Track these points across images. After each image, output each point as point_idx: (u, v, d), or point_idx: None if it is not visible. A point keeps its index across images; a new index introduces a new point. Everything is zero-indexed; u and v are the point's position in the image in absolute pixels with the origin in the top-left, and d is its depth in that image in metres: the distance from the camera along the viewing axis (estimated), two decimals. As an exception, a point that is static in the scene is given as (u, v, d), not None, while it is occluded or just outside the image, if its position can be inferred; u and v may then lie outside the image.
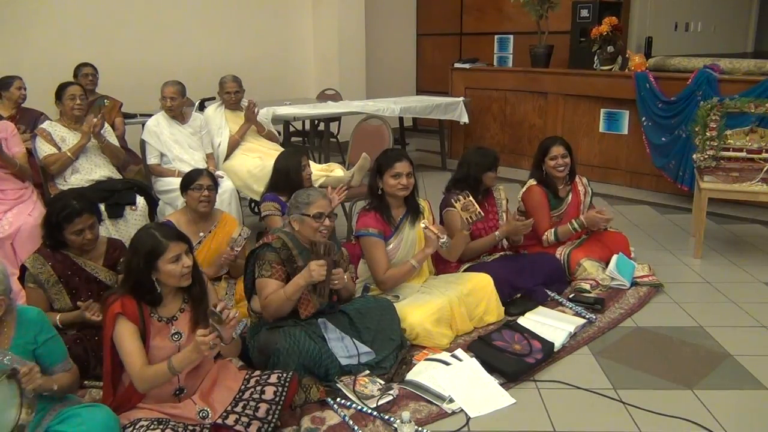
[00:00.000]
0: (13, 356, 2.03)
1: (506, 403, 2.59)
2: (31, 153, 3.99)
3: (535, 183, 3.84)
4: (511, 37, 7.45)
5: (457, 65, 7.33)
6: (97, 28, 6.22)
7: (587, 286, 3.60)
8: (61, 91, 4.00)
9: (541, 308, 3.36)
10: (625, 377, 2.79)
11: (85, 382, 2.68)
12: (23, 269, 2.81)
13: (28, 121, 4.54)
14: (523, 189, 3.90)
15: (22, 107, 4.71)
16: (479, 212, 3.27)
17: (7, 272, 2.07)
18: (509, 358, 2.83)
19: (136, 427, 2.11)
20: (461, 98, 6.84)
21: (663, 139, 5.37)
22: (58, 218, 2.74)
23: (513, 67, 7.29)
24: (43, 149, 3.90)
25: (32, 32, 5.84)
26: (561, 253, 3.75)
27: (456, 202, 3.29)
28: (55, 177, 3.95)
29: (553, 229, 3.77)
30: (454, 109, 6.73)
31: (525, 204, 3.86)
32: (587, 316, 3.30)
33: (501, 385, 2.70)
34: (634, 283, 3.72)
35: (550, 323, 3.16)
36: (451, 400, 2.58)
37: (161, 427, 2.09)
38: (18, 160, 3.75)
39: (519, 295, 3.47)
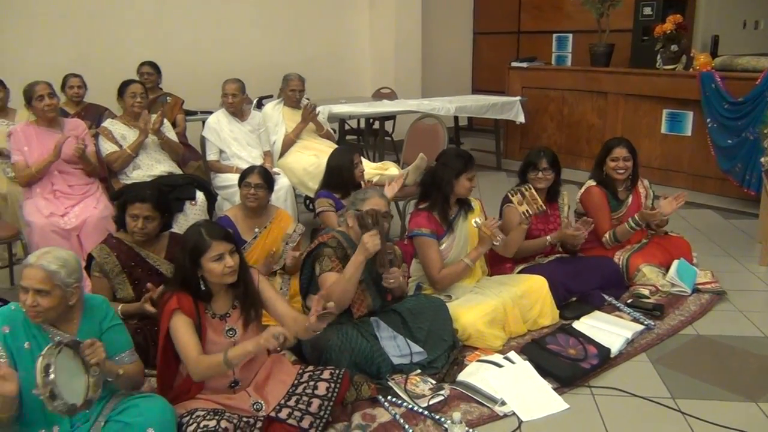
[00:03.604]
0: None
1: (559, 408, 2.55)
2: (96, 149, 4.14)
3: (594, 184, 3.76)
4: (570, 35, 7.31)
5: (514, 64, 7.24)
6: (161, 28, 6.41)
7: (646, 292, 3.50)
8: (123, 89, 4.15)
9: (597, 313, 3.29)
10: (684, 386, 2.71)
11: (146, 370, 2.77)
12: (90, 258, 2.92)
13: (92, 116, 4.71)
14: (582, 190, 3.83)
15: (87, 103, 4.90)
16: (540, 205, 3.22)
17: (80, 262, 2.16)
18: (563, 363, 2.78)
19: (193, 416, 2.16)
20: (518, 97, 6.75)
21: (729, 141, 5.18)
22: (126, 197, 2.91)
23: (572, 66, 7.15)
24: (106, 147, 4.04)
25: (98, 31, 6.05)
26: (620, 257, 3.66)
27: (513, 196, 3.25)
28: (118, 173, 4.09)
29: (612, 230, 3.68)
30: (510, 108, 6.66)
31: (583, 205, 3.78)
32: (645, 323, 3.21)
33: (554, 389, 2.66)
34: (695, 290, 3.60)
35: (606, 328, 3.09)
36: (503, 403, 2.55)
37: (217, 417, 2.14)
38: (91, 158, 3.89)
39: (574, 299, 3.41)
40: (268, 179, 3.44)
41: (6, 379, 1.87)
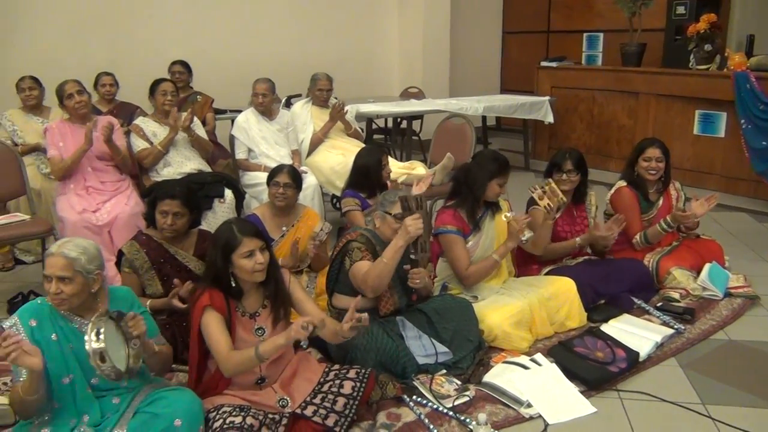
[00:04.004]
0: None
1: (586, 412, 2.52)
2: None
3: (624, 184, 3.71)
4: (601, 35, 7.22)
5: (543, 64, 7.18)
6: (192, 27, 6.49)
7: (676, 295, 3.45)
8: (154, 87, 4.21)
9: (626, 316, 3.25)
10: (714, 392, 2.66)
11: (173, 365, 2.81)
12: (120, 254, 2.97)
13: (125, 115, 4.79)
14: (612, 191, 3.78)
15: (120, 102, 4.98)
16: (562, 198, 3.19)
17: (100, 250, 2.21)
18: (591, 366, 2.75)
19: (219, 412, 2.18)
20: (547, 97, 6.70)
21: (764, 142, 5.06)
22: (156, 194, 2.95)
23: (602, 65, 7.07)
24: (137, 144, 4.11)
25: (131, 30, 6.15)
26: (650, 260, 3.61)
27: (534, 192, 3.23)
28: (149, 170, 4.15)
29: (643, 232, 3.63)
30: (539, 108, 6.60)
31: (613, 206, 3.73)
32: (676, 327, 3.16)
33: (581, 392, 2.63)
34: (727, 294, 3.53)
35: (635, 332, 3.05)
36: (529, 405, 2.53)
37: (243, 413, 2.16)
38: (121, 149, 3.95)
39: (603, 302, 3.37)
40: (296, 178, 3.46)
41: (30, 354, 1.91)
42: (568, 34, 8.00)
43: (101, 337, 1.94)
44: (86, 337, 1.95)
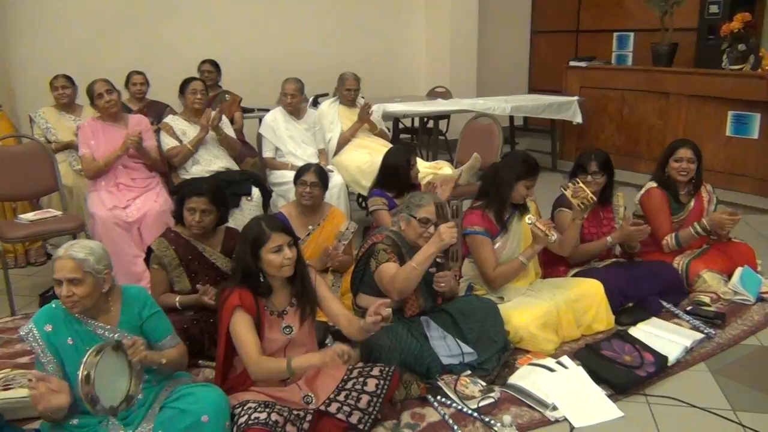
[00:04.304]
0: (122, 332, 2.19)
1: (613, 416, 2.49)
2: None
3: (654, 185, 3.66)
4: (632, 34, 7.14)
5: (572, 63, 7.11)
6: (221, 27, 6.54)
7: (707, 299, 3.39)
8: (184, 86, 4.26)
9: (654, 319, 3.20)
10: (745, 399, 2.61)
11: (200, 361, 2.84)
12: (149, 251, 3.01)
13: (155, 113, 4.85)
14: (642, 191, 3.73)
15: (150, 100, 5.04)
16: (591, 197, 3.15)
17: (107, 250, 2.23)
18: (618, 369, 2.72)
19: (245, 408, 2.20)
20: (576, 97, 6.63)
21: (799, 144, 4.97)
22: (184, 191, 3.00)
23: (633, 65, 6.98)
24: (166, 142, 4.15)
25: (161, 29, 6.23)
26: (679, 262, 3.56)
27: (566, 189, 3.19)
28: (178, 168, 4.20)
29: (674, 234, 3.58)
30: (567, 108, 6.54)
31: (643, 207, 3.67)
32: (706, 331, 3.11)
33: (608, 396, 2.60)
34: (759, 299, 3.46)
35: (664, 336, 3.01)
36: (555, 408, 2.51)
37: (267, 410, 2.17)
38: (151, 152, 4.01)
39: (631, 304, 3.32)
40: (323, 178, 3.47)
41: (59, 392, 1.93)
42: (598, 34, 7.91)
43: (91, 383, 1.92)
44: (77, 380, 1.92)
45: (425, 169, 4.27)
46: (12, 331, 3.28)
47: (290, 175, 4.13)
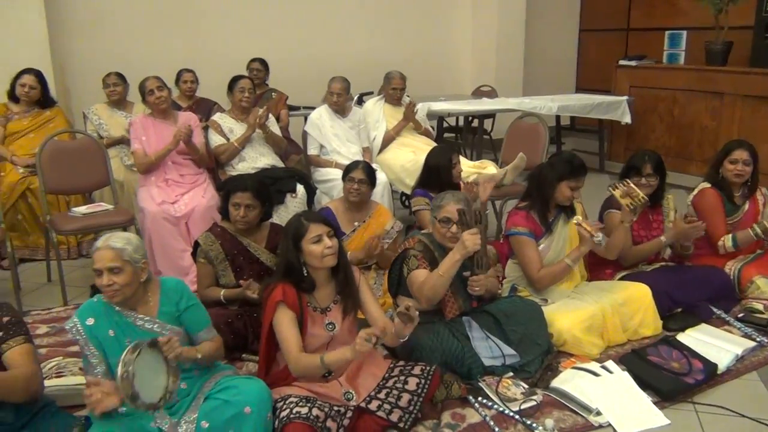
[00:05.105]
0: (161, 323, 2.24)
1: (659, 423, 2.44)
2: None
3: (708, 185, 3.55)
4: (684, 32, 6.93)
5: (622, 62, 6.96)
6: (269, 26, 6.62)
7: (760, 306, 3.27)
8: (233, 84, 4.32)
9: (704, 326, 3.12)
10: (800, 410, 2.52)
11: (244, 355, 2.89)
12: (196, 245, 3.07)
13: (203, 110, 4.94)
14: (694, 192, 3.62)
15: (199, 98, 5.14)
16: (643, 197, 3.07)
17: (142, 241, 2.28)
18: (665, 376, 2.65)
19: (286, 402, 2.22)
20: (625, 97, 6.49)
21: None
22: (229, 187, 3.05)
23: (685, 64, 6.80)
24: (214, 139, 4.23)
25: (210, 28, 6.34)
26: (731, 268, 3.45)
27: (614, 190, 3.12)
28: (224, 164, 4.27)
29: (731, 235, 3.47)
30: (616, 108, 6.41)
31: (696, 208, 3.56)
32: (758, 339, 3.01)
33: (654, 403, 2.54)
34: (816, 307, 3.33)
35: (714, 343, 2.92)
36: (599, 413, 2.47)
37: (309, 405, 2.19)
38: (199, 148, 4.09)
39: (680, 310, 3.23)
40: (371, 175, 3.51)
41: (110, 394, 1.97)
42: (649, 32, 7.73)
43: (131, 380, 1.93)
44: (117, 375, 1.94)
45: (469, 168, 4.24)
46: (64, 320, 3.37)
47: (334, 172, 4.16)
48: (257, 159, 4.27)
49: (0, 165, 4.26)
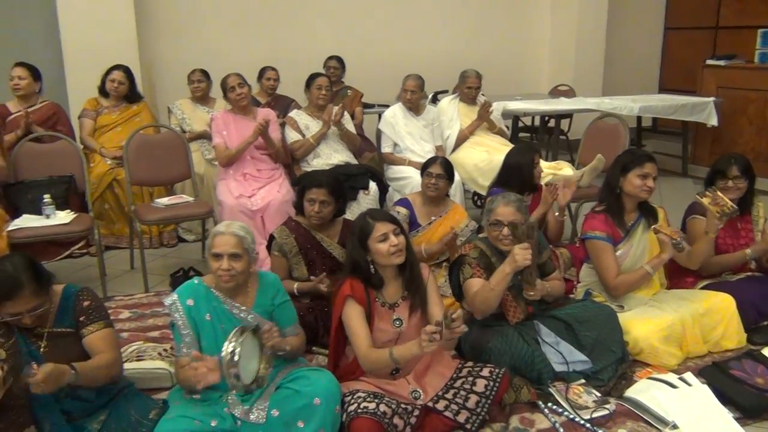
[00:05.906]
0: (255, 315, 2.31)
1: (740, 440, 2.33)
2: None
3: (802, 194, 3.35)
4: (779, 31, 6.58)
5: (709, 62, 6.66)
6: (345, 24, 6.71)
7: None
8: (310, 81, 4.40)
9: (793, 341, 2.95)
10: None
11: (314, 348, 2.93)
12: (271, 238, 3.15)
13: (281, 107, 5.05)
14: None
15: (277, 94, 5.25)
16: (732, 205, 2.92)
17: (252, 233, 2.35)
18: (748, 391, 2.53)
19: (354, 396, 2.25)
20: (712, 98, 6.20)
21: None
22: (304, 182, 3.11)
23: (779, 64, 6.44)
24: (290, 136, 4.31)
25: (289, 27, 6.48)
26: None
27: (703, 197, 2.99)
28: (299, 160, 4.35)
29: None
30: (701, 110, 6.13)
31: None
32: None
33: (736, 419, 2.42)
34: None
35: (804, 359, 2.76)
36: (675, 427, 2.37)
37: (376, 400, 2.21)
38: (276, 142, 4.18)
39: (767, 323, 3.07)
40: (449, 170, 3.55)
41: (213, 370, 2.04)
42: (740, 30, 7.36)
43: (236, 359, 1.99)
44: (222, 354, 2.00)
45: (545, 169, 4.16)
46: (145, 306, 3.54)
47: (407, 170, 4.17)
48: (331, 155, 4.32)
49: (89, 156, 4.48)
